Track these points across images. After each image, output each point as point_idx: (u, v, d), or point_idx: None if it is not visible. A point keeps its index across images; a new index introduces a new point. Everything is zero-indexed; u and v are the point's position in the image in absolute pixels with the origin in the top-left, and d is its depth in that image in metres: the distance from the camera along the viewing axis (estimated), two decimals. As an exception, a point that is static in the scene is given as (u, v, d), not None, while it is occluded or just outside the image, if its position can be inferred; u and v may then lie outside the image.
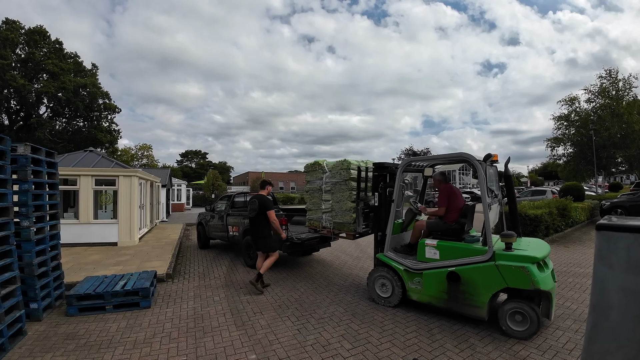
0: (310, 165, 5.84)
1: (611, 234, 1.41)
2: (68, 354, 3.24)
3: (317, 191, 5.64)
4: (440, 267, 3.90)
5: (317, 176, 5.65)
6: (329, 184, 5.40)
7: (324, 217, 5.48)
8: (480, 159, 3.93)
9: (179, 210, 23.24)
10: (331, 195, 5.37)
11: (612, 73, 23.03)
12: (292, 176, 52.60)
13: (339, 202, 5.23)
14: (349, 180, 5.14)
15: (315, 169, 5.72)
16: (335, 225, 5.33)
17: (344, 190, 5.19)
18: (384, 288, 4.47)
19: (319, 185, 5.59)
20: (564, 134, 25.12)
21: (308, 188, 5.82)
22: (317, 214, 5.62)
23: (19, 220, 3.98)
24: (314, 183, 5.69)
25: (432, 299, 4.00)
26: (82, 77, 28.42)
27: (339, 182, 5.26)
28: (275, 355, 3.20)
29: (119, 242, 8.81)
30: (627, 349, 1.32)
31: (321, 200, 5.54)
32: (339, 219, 5.26)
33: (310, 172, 5.81)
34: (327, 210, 5.42)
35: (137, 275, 5.06)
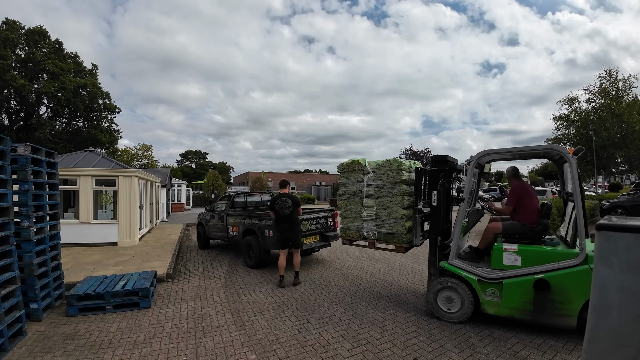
0: (347, 165, 5.01)
1: (611, 234, 1.41)
2: (68, 354, 3.24)
3: (355, 195, 4.87)
4: (525, 275, 3.44)
5: (356, 177, 4.87)
6: (372, 187, 4.70)
7: (366, 226, 4.75)
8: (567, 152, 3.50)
9: (179, 211, 23.23)
10: (375, 200, 4.66)
11: (612, 73, 23.04)
12: (292, 176, 52.59)
13: (387, 208, 4.54)
14: (399, 183, 4.47)
15: (353, 169, 4.92)
16: (381, 236, 4.63)
17: (393, 195, 4.50)
18: (450, 302, 3.90)
19: (358, 188, 4.83)
20: (564, 134, 25.12)
21: (343, 191, 5.04)
22: (356, 222, 4.86)
23: (19, 221, 3.98)
24: (352, 186, 4.91)
25: (514, 311, 3.52)
26: (82, 77, 28.42)
27: (386, 185, 4.56)
28: (275, 355, 3.20)
29: (119, 242, 8.81)
30: (627, 349, 1.32)
31: (361, 207, 4.78)
32: (386, 228, 4.55)
33: (347, 173, 5.00)
34: (370, 218, 4.71)
35: (137, 276, 5.06)
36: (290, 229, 5.51)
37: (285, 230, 5.50)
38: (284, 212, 5.47)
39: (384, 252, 8.14)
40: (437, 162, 4.25)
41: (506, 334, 3.57)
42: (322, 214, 6.93)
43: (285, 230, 5.51)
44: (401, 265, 6.81)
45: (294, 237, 5.54)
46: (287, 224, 5.51)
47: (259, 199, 9.25)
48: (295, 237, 5.55)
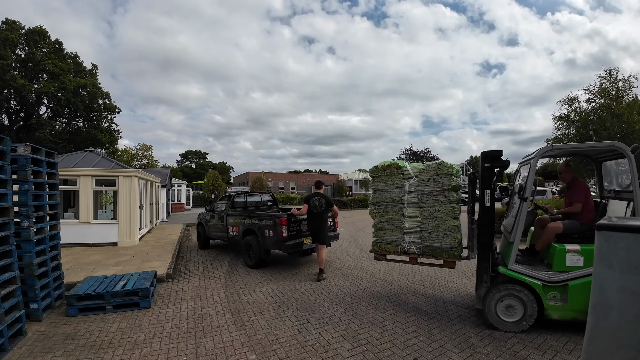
0: (383, 168, 4.41)
1: (611, 234, 1.41)
2: (68, 354, 3.24)
3: (393, 204, 4.31)
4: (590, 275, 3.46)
5: (395, 183, 4.32)
6: (415, 194, 4.19)
7: (407, 239, 4.22)
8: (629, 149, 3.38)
9: (179, 211, 23.23)
10: (419, 209, 4.17)
11: (611, 73, 23.06)
12: (292, 176, 52.62)
13: (434, 218, 4.07)
14: (449, 190, 4.03)
15: (391, 173, 4.36)
16: (426, 250, 4.15)
17: (442, 203, 4.03)
18: (511, 310, 3.62)
19: (396, 195, 4.29)
20: (564, 134, 25.13)
21: (377, 199, 4.42)
22: (395, 234, 4.31)
23: (19, 221, 3.98)
24: (388, 192, 4.35)
25: (579, 313, 3.34)
26: (82, 78, 28.44)
27: (433, 192, 4.09)
28: (275, 355, 3.20)
29: (119, 243, 8.81)
30: (627, 349, 1.32)
31: (402, 217, 4.24)
32: (433, 241, 4.08)
33: (382, 178, 4.43)
34: (414, 229, 4.19)
35: (137, 276, 5.06)
36: (318, 226, 5.95)
37: (314, 227, 6.01)
38: (317, 210, 5.93)
39: (384, 252, 8.16)
40: (491, 158, 3.83)
41: (506, 334, 3.56)
42: None
43: (313, 227, 6.03)
44: (401, 266, 6.81)
45: (320, 234, 5.94)
46: (317, 221, 5.97)
47: (259, 199, 9.25)
48: (321, 234, 5.94)
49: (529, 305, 3.51)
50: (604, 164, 4.24)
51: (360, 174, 58.20)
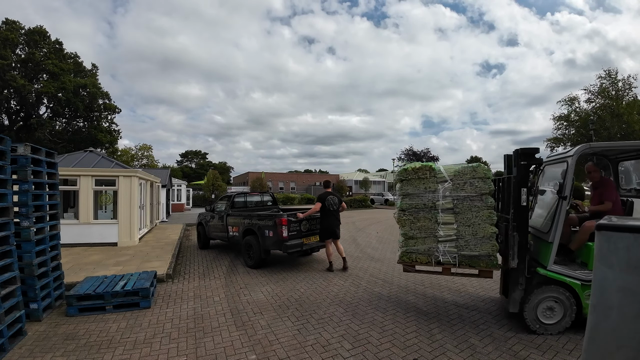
0: (414, 170, 4.02)
1: (611, 234, 1.41)
2: (68, 354, 3.24)
3: (425, 210, 3.95)
4: None
5: (427, 187, 3.97)
6: (450, 199, 3.88)
7: (442, 248, 3.90)
8: None
9: (179, 211, 23.23)
10: (454, 215, 3.87)
11: (611, 73, 23.07)
12: (292, 176, 52.62)
13: (471, 225, 3.80)
14: (486, 194, 3.79)
15: (423, 176, 3.98)
16: (463, 260, 3.86)
17: (479, 209, 3.78)
18: (550, 312, 3.52)
19: (429, 200, 3.94)
20: (564, 134, 25.15)
21: (407, 204, 3.99)
22: (427, 243, 3.95)
23: (19, 221, 3.98)
24: (420, 197, 3.98)
25: None
26: (82, 78, 28.45)
27: (469, 197, 3.82)
28: (275, 355, 3.20)
29: (119, 243, 8.81)
30: (627, 349, 1.32)
31: (436, 224, 3.91)
32: (470, 250, 3.81)
33: (413, 181, 4.02)
34: (449, 238, 3.87)
35: (137, 276, 5.06)
36: (335, 223, 6.41)
37: (331, 224, 6.37)
38: (332, 208, 6.36)
39: (384, 252, 8.16)
40: (528, 155, 3.67)
41: (506, 334, 3.57)
42: None
43: (331, 223, 6.37)
44: (401, 266, 6.81)
45: (337, 230, 6.44)
46: (332, 218, 6.39)
47: (259, 199, 9.25)
48: (338, 230, 6.47)
49: (569, 306, 3.45)
50: (621, 164, 4.29)
51: (360, 174, 58.19)
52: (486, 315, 4.09)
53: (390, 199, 34.58)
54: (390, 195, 36.28)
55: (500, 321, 3.91)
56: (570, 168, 3.56)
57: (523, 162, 3.64)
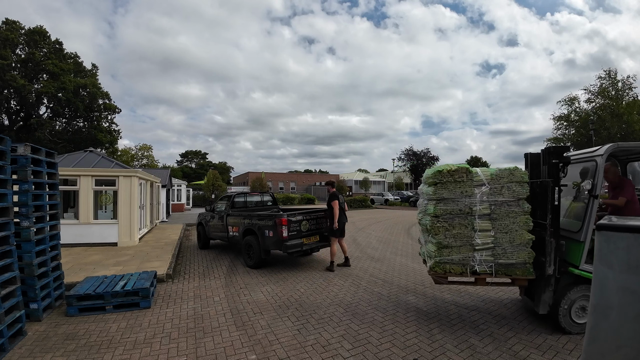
0: (449, 173, 3.69)
1: (611, 234, 1.41)
2: (68, 354, 3.24)
3: (461, 215, 3.65)
4: None
5: (464, 191, 3.68)
6: (487, 205, 3.63)
7: (478, 257, 3.62)
8: None
9: (179, 211, 23.23)
10: (491, 222, 3.63)
11: (611, 74, 23.08)
12: (292, 176, 52.61)
13: (508, 232, 3.58)
14: (523, 200, 3.62)
15: (459, 179, 3.68)
16: (499, 269, 3.63)
17: (516, 215, 3.58)
18: (582, 312, 3.46)
19: (467, 205, 3.65)
20: (564, 134, 25.17)
21: (442, 210, 3.65)
22: (462, 252, 3.64)
23: (19, 221, 3.98)
24: (456, 202, 3.67)
25: None
26: (82, 78, 28.46)
27: (507, 202, 3.61)
28: (275, 355, 3.20)
29: (119, 243, 8.81)
30: (627, 349, 1.32)
31: (472, 231, 3.63)
32: (507, 258, 3.59)
33: (447, 184, 3.70)
34: (487, 246, 3.60)
35: (137, 276, 5.06)
36: (344, 221, 6.67)
37: (343, 222, 6.62)
38: (343, 207, 6.58)
39: (384, 252, 8.16)
40: (559, 154, 3.60)
41: (506, 334, 3.57)
42: (322, 214, 6.93)
43: (343, 222, 6.61)
44: (401, 265, 6.82)
45: (344, 228, 6.71)
46: (344, 216, 6.65)
47: (259, 199, 9.25)
48: (344, 228, 6.75)
49: None
50: (630, 164, 4.31)
51: (360, 174, 58.19)
52: (486, 315, 4.09)
53: (390, 198, 34.57)
54: (390, 195, 36.27)
55: (500, 321, 3.91)
56: (600, 167, 3.51)
57: (555, 160, 3.57)
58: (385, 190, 47.72)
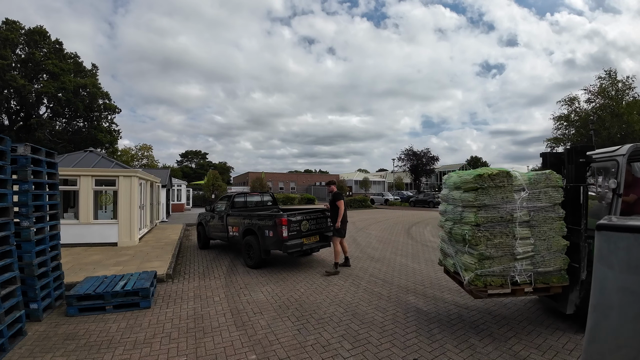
0: (490, 177, 3.40)
1: (611, 234, 1.41)
2: (68, 354, 3.24)
3: (502, 223, 3.37)
4: None
5: (505, 197, 3.39)
6: (526, 211, 3.40)
7: (519, 267, 3.39)
8: None
9: (179, 211, 23.23)
10: (530, 229, 3.42)
11: (611, 74, 23.08)
12: (292, 176, 52.60)
13: (546, 239, 3.41)
14: (558, 205, 3.48)
15: (500, 184, 3.39)
16: (538, 277, 3.43)
17: (553, 220, 3.43)
18: None
19: (507, 212, 3.37)
20: (564, 134, 25.17)
21: (484, 218, 3.34)
22: (503, 263, 3.35)
23: (19, 221, 3.98)
24: (497, 209, 3.37)
25: None
26: (82, 78, 28.47)
27: (544, 208, 3.43)
28: (275, 355, 3.20)
29: (119, 243, 8.81)
30: (627, 349, 1.32)
31: (513, 239, 3.37)
32: (545, 266, 3.40)
33: (489, 190, 3.39)
34: (527, 254, 3.38)
35: (137, 276, 5.06)
36: (345, 221, 6.58)
37: (346, 222, 6.57)
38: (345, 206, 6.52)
39: (384, 252, 8.16)
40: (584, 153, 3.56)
41: (506, 334, 3.57)
42: (322, 214, 6.93)
43: (346, 222, 6.57)
44: (401, 265, 6.82)
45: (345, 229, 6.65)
46: (346, 216, 6.56)
47: (259, 199, 9.25)
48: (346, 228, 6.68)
49: None
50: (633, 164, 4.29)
51: (360, 174, 58.18)
52: (486, 315, 4.09)
53: (390, 198, 34.56)
54: (390, 195, 36.27)
55: (500, 321, 3.91)
56: (622, 166, 3.52)
57: (582, 159, 3.57)
58: (385, 190, 47.71)
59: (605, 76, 23.15)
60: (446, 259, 4.02)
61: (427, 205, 27.91)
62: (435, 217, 17.98)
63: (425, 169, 45.90)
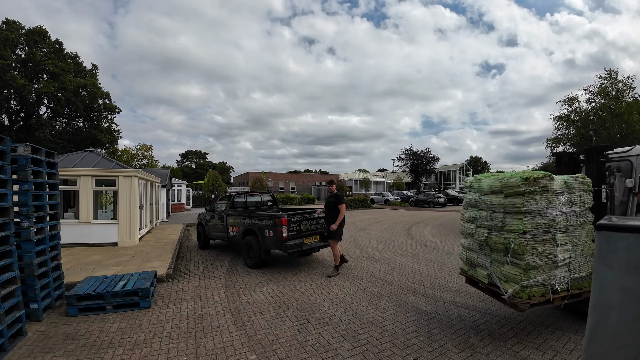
0: (535, 181, 3.19)
1: (611, 234, 1.41)
2: (68, 355, 3.24)
3: (545, 230, 3.20)
4: None
5: (548, 202, 3.23)
6: (565, 216, 3.27)
7: (560, 273, 3.24)
8: None
9: (179, 211, 23.23)
10: (567, 234, 3.30)
11: (612, 74, 23.08)
12: (292, 176, 52.61)
13: (580, 244, 3.33)
14: (588, 209, 3.46)
15: (544, 189, 3.22)
16: (574, 283, 3.31)
17: (585, 224, 3.39)
18: None
19: (550, 217, 3.21)
20: (564, 134, 25.17)
21: (529, 225, 3.13)
22: (545, 271, 3.19)
23: (19, 221, 3.98)
24: (541, 215, 3.19)
25: None
26: (82, 78, 28.47)
27: (579, 213, 3.35)
28: (275, 355, 3.20)
29: (119, 243, 8.81)
30: (627, 349, 1.32)
31: (555, 246, 3.22)
32: (580, 271, 3.31)
33: (535, 195, 3.20)
34: (567, 261, 3.27)
35: (137, 276, 5.06)
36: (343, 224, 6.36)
37: (342, 224, 6.28)
38: None
39: (384, 252, 8.16)
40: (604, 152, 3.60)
41: (506, 334, 3.57)
42: (322, 215, 6.93)
43: (342, 225, 6.30)
44: (401, 265, 6.82)
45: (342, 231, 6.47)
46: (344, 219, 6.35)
47: (259, 199, 9.25)
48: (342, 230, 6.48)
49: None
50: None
51: (360, 174, 58.20)
52: (486, 315, 4.09)
53: (390, 198, 34.56)
54: (390, 195, 36.26)
55: (500, 321, 3.91)
56: (637, 166, 3.67)
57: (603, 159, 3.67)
58: (385, 190, 47.73)
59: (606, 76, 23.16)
60: (475, 270, 3.74)
61: (427, 205, 27.91)
62: (435, 217, 18.00)
63: (425, 169, 45.91)
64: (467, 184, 4.02)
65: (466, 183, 4.05)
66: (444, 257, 7.51)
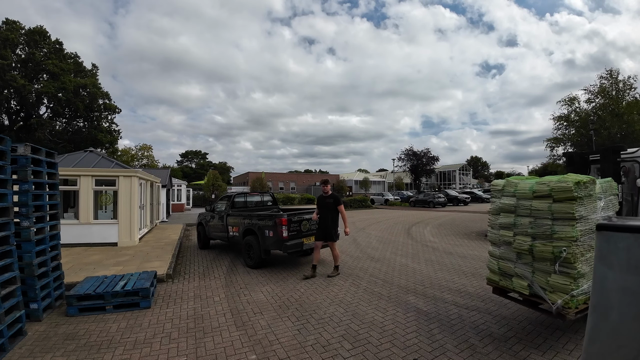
0: (584, 185, 3.07)
1: (611, 234, 1.41)
2: (68, 355, 3.24)
3: (589, 234, 3.13)
4: None
5: (593, 206, 3.16)
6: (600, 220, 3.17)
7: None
8: None
9: (179, 211, 23.24)
10: None
11: (612, 74, 23.08)
12: (292, 176, 52.62)
13: None
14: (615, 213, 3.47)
15: (590, 194, 3.14)
16: None
17: None
18: None
19: (594, 222, 3.14)
20: (564, 134, 25.16)
21: (580, 232, 3.01)
22: (588, 277, 3.09)
23: (19, 221, 3.98)
24: (587, 220, 3.09)
25: None
26: (82, 78, 28.46)
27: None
28: (275, 355, 3.20)
29: (119, 243, 8.81)
30: (627, 349, 1.32)
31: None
32: None
33: (584, 200, 3.10)
34: None
35: (137, 276, 5.06)
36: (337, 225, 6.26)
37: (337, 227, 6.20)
38: None
39: (384, 252, 8.16)
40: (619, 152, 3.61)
41: (506, 334, 3.57)
42: None
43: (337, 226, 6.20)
44: (401, 266, 6.81)
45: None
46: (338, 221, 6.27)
47: (259, 199, 9.25)
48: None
49: None
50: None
51: (360, 174, 58.21)
52: (486, 315, 4.09)
53: (390, 198, 34.56)
54: (390, 195, 36.26)
55: (500, 321, 3.91)
56: None
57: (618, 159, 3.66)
58: (385, 190, 47.73)
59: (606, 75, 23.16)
60: (510, 280, 3.55)
61: (427, 206, 27.92)
62: (435, 217, 18.00)
63: (425, 169, 45.92)
64: (496, 187, 3.79)
65: (495, 186, 3.82)
66: (444, 257, 7.51)
